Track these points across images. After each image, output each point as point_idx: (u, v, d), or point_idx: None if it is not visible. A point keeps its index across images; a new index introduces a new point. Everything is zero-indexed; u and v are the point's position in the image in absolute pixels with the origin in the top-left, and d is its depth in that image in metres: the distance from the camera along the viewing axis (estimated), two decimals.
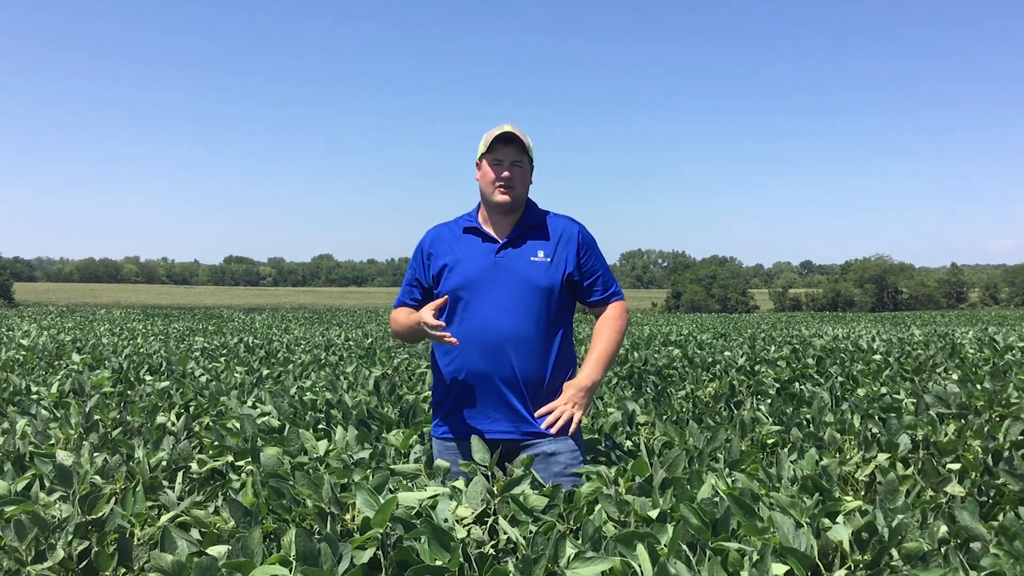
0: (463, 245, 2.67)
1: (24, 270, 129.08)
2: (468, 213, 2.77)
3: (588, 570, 1.56)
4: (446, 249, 2.68)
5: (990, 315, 37.41)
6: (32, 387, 4.88)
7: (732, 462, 2.63)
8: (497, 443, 2.50)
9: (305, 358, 7.49)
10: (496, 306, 2.55)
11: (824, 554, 1.63)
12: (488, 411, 2.58)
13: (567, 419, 2.57)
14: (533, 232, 2.66)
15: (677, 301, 68.54)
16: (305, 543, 1.56)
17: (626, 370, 6.27)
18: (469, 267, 2.61)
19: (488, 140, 2.61)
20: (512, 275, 2.58)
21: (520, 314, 2.55)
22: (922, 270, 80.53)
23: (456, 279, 2.62)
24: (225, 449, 3.00)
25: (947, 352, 7.24)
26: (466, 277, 2.60)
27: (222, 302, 70.76)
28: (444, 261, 2.66)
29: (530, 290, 2.57)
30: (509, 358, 2.54)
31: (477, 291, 2.58)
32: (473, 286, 2.59)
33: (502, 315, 2.55)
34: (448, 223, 2.78)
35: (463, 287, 2.60)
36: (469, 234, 2.69)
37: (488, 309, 2.56)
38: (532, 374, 2.57)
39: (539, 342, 2.58)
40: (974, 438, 3.02)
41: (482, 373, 2.56)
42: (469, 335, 2.55)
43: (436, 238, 2.73)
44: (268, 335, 13.22)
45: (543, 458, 2.53)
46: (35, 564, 1.85)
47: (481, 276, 2.59)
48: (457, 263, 2.63)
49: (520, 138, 2.59)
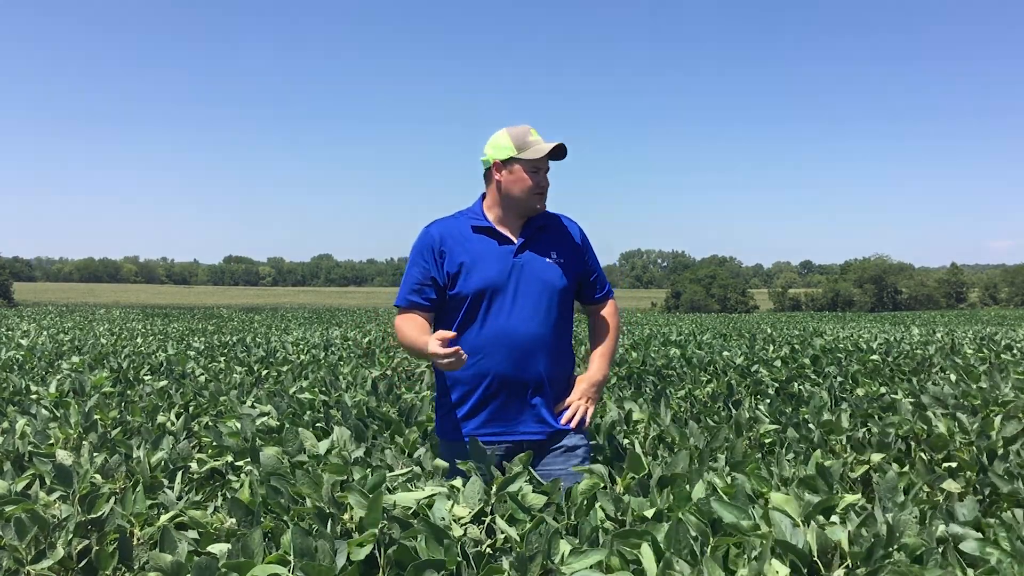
0: (477, 245, 2.60)
1: (24, 270, 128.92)
2: (470, 211, 2.69)
3: (581, 563, 1.57)
4: (459, 248, 2.60)
5: (990, 315, 37.46)
6: (32, 387, 4.89)
7: (731, 461, 2.64)
8: (525, 445, 2.52)
9: (304, 358, 7.50)
10: (520, 309, 2.55)
11: (823, 552, 1.63)
12: (515, 414, 2.57)
13: (583, 413, 2.65)
14: (544, 233, 2.67)
15: (677, 301, 68.54)
16: (302, 541, 1.57)
17: (625, 370, 6.28)
18: (489, 269, 2.56)
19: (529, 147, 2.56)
20: (532, 277, 2.58)
21: (543, 316, 2.57)
22: (922, 270, 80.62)
23: (477, 281, 2.55)
24: (224, 449, 3.01)
25: (945, 352, 7.26)
26: (487, 279, 2.55)
27: (221, 302, 70.76)
28: (460, 260, 2.58)
29: (549, 292, 2.60)
30: (536, 360, 2.56)
31: (499, 294, 2.55)
32: (495, 288, 2.55)
33: (527, 318, 2.55)
34: (449, 219, 2.69)
35: (484, 289, 2.55)
36: (481, 234, 2.62)
37: (513, 312, 2.55)
38: (554, 374, 2.62)
39: (558, 343, 2.63)
40: (970, 436, 3.03)
41: (509, 376, 2.54)
42: (493, 338, 2.54)
43: (445, 235, 2.62)
44: (267, 335, 13.22)
45: (565, 452, 2.58)
46: (34, 564, 1.86)
47: (502, 278, 2.55)
48: (475, 263, 2.57)
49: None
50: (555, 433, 2.60)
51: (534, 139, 2.59)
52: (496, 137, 2.63)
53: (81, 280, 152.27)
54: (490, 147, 2.63)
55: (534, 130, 2.62)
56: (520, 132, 2.60)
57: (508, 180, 2.59)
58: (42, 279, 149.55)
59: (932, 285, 71.94)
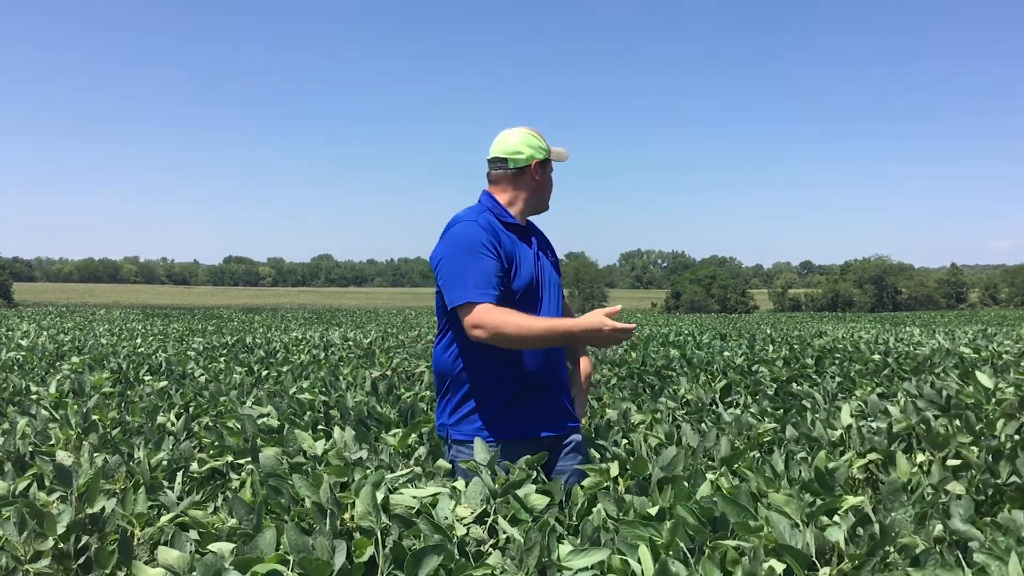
0: (514, 242, 2.57)
1: (23, 270, 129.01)
2: (491, 207, 2.60)
3: (581, 561, 1.58)
4: (506, 244, 2.53)
5: (990, 315, 37.46)
6: (32, 387, 4.90)
7: (728, 461, 2.65)
8: (548, 442, 2.55)
9: (304, 358, 7.50)
10: (547, 307, 2.60)
11: (821, 552, 1.64)
12: (547, 411, 2.58)
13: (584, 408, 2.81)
14: (540, 234, 2.77)
15: (677, 301, 68.59)
16: (298, 539, 1.57)
17: (625, 370, 6.29)
18: (528, 266, 2.57)
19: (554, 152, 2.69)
20: (551, 276, 2.66)
21: (559, 314, 2.63)
22: (922, 270, 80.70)
23: (523, 278, 2.54)
24: (225, 449, 3.01)
25: (944, 352, 7.26)
26: (530, 276, 2.56)
27: (221, 302, 70.81)
28: (510, 256, 2.53)
29: (559, 290, 2.70)
30: (562, 357, 2.67)
31: (537, 292, 2.58)
32: (531, 286, 2.57)
33: (553, 314, 2.60)
34: (485, 214, 2.57)
35: (527, 286, 2.55)
36: (512, 232, 2.58)
37: (543, 310, 2.58)
38: (568, 371, 2.73)
39: None
40: (969, 436, 3.03)
41: (544, 375, 2.56)
42: None
43: (494, 229, 2.52)
44: (267, 335, 13.23)
45: (577, 447, 2.64)
46: (32, 563, 1.86)
47: (535, 276, 2.58)
48: (519, 261, 2.56)
49: None
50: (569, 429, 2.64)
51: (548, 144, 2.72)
52: (527, 137, 2.62)
53: (81, 280, 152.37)
54: (526, 146, 2.59)
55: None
56: (539, 135, 2.68)
57: (543, 180, 2.66)
58: (42, 279, 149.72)
59: (932, 285, 72.01)
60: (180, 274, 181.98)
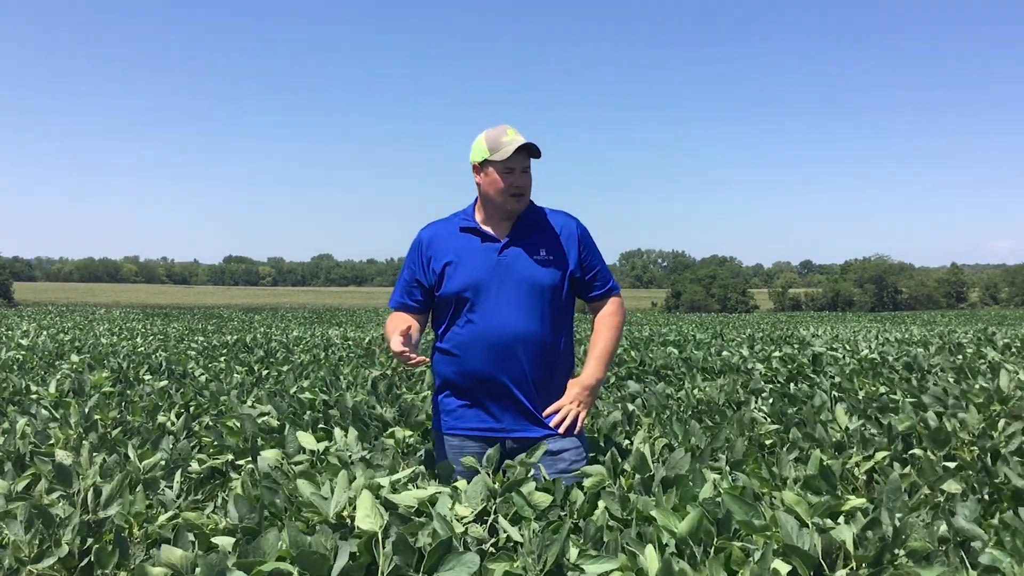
0: (462, 244, 2.63)
1: (24, 270, 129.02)
2: (463, 212, 2.72)
3: (594, 568, 1.57)
4: (445, 248, 2.64)
5: (990, 315, 37.44)
6: (32, 387, 4.88)
7: (733, 462, 2.63)
8: (504, 442, 2.53)
9: (304, 358, 7.49)
10: (504, 306, 2.54)
11: (827, 553, 1.63)
12: (497, 411, 2.58)
13: (573, 417, 2.60)
14: (534, 230, 2.65)
15: (677, 301, 68.52)
16: (297, 537, 1.56)
17: (624, 370, 6.27)
18: (473, 267, 2.58)
19: (500, 148, 2.53)
20: (517, 274, 2.57)
21: (528, 314, 2.55)
22: (922, 270, 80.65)
23: (461, 279, 2.58)
24: (225, 448, 3.00)
25: (944, 352, 7.24)
26: (471, 277, 2.57)
27: (222, 302, 70.78)
28: (445, 260, 2.61)
29: (536, 289, 2.57)
30: (519, 358, 2.55)
31: (483, 291, 2.56)
32: (479, 286, 2.56)
33: (510, 315, 2.54)
34: (442, 221, 2.73)
35: (468, 287, 2.57)
36: (467, 233, 2.65)
37: (496, 309, 2.54)
38: (540, 373, 2.59)
39: (546, 341, 2.59)
40: (970, 436, 3.02)
41: (491, 373, 2.55)
42: (477, 336, 2.55)
43: (434, 236, 2.68)
44: (268, 335, 13.21)
45: (548, 456, 2.53)
46: (35, 563, 1.85)
47: (486, 276, 2.56)
48: (459, 263, 2.60)
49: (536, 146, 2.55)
50: (542, 436, 2.56)
51: (508, 139, 2.54)
52: (477, 139, 2.63)
53: (81, 280, 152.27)
54: (473, 150, 2.64)
55: (512, 129, 2.58)
56: (495, 133, 2.58)
57: (485, 182, 2.60)
58: (42, 279, 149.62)
59: (932, 285, 71.95)
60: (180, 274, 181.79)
